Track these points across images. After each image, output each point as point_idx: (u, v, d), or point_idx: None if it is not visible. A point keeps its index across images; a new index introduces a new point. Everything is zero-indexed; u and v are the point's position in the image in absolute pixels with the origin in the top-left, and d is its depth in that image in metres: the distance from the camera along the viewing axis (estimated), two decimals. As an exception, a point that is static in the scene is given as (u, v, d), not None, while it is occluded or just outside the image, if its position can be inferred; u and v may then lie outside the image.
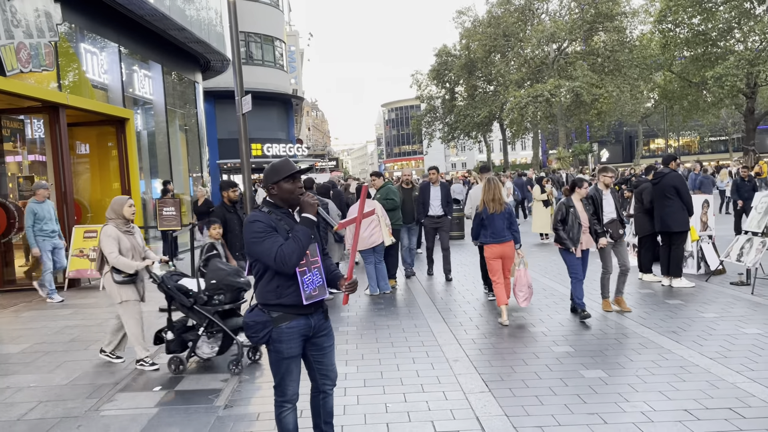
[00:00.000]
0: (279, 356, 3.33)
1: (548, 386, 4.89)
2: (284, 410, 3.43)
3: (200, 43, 16.14)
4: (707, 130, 62.48)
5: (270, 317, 3.29)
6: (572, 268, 7.12)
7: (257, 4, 33.86)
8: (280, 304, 3.28)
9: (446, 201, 10.08)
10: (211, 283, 5.64)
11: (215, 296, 5.63)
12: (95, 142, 13.34)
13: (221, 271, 5.73)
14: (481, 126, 50.96)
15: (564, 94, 40.51)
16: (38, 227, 9.07)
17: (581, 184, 7.15)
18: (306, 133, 68.00)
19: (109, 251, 5.56)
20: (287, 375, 3.37)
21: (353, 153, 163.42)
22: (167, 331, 5.74)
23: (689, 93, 39.27)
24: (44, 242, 9.13)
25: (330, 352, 3.54)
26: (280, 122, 37.18)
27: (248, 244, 3.24)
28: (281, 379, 3.38)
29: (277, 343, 3.31)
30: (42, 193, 9.19)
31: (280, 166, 3.35)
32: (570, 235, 7.00)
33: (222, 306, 5.64)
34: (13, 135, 11.91)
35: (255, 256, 3.24)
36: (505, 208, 7.21)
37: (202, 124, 18.84)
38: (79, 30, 11.68)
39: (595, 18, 42.46)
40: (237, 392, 5.04)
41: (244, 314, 3.43)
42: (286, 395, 3.41)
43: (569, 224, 7.01)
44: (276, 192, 3.32)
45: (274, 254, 3.14)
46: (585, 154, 49.96)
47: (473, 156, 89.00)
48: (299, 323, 3.32)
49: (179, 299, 5.63)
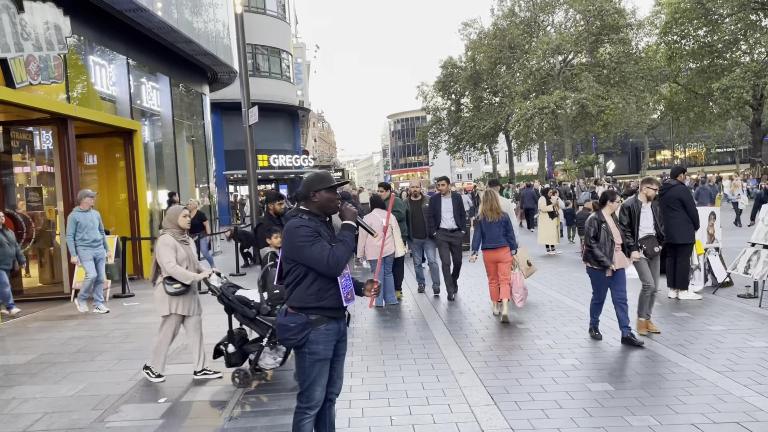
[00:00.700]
0: (314, 358, 3.39)
1: (554, 399, 4.86)
2: (306, 417, 3.46)
3: (207, 55, 16.27)
4: (714, 142, 62.39)
5: (309, 320, 3.36)
6: (597, 288, 6.64)
7: (264, 16, 34.14)
8: (320, 306, 3.36)
9: (459, 213, 9.24)
10: (274, 293, 5.60)
11: (277, 306, 5.59)
12: (103, 154, 13.43)
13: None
14: (486, 137, 51.06)
15: (570, 105, 40.57)
16: (80, 236, 8.94)
17: (613, 197, 6.68)
18: (312, 144, 68.22)
19: (167, 260, 5.44)
20: (319, 378, 3.43)
21: (359, 164, 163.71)
22: (228, 344, 5.65)
23: (695, 104, 39.26)
24: (85, 251, 8.98)
25: (343, 359, 3.65)
26: (286, 133, 37.33)
27: (294, 248, 3.32)
28: (312, 383, 3.42)
29: (314, 345, 3.37)
30: (87, 201, 9.08)
31: (325, 175, 3.50)
32: (604, 252, 6.47)
33: None
34: (21, 146, 12.01)
35: (302, 259, 3.31)
36: (502, 217, 7.91)
37: (209, 135, 18.95)
38: (88, 43, 11.80)
39: (600, 30, 42.58)
40: (242, 404, 5.03)
41: (278, 317, 3.50)
42: (313, 400, 3.44)
43: (601, 241, 6.48)
44: (317, 199, 3.42)
45: (326, 258, 3.24)
46: (591, 165, 49.93)
47: (479, 167, 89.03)
48: (334, 327, 3.43)
49: (242, 310, 5.54)
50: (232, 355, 5.61)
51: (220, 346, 5.72)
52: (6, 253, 8.99)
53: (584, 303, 8.56)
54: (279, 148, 35.45)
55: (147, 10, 12.14)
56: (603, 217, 6.59)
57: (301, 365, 3.43)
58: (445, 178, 9.70)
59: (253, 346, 5.64)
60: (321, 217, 3.45)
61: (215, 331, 7.08)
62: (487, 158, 63.73)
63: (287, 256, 3.39)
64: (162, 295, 5.59)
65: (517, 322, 7.63)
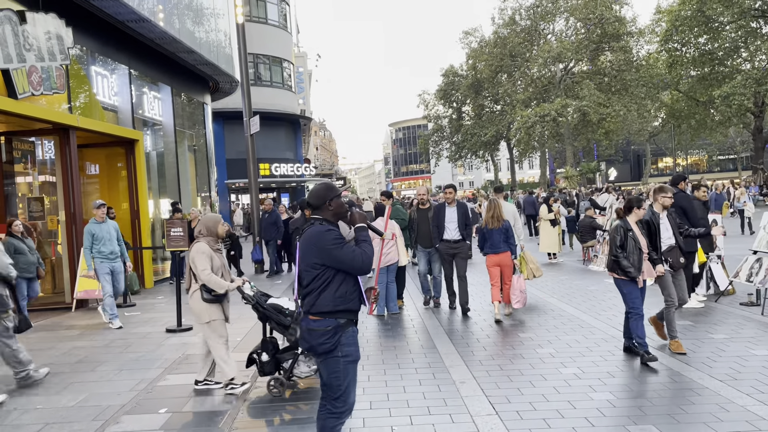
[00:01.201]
0: (348, 360, 3.47)
1: (556, 409, 4.84)
2: (341, 423, 3.53)
3: (209, 65, 16.34)
4: (715, 149, 62.40)
5: (339, 323, 3.44)
6: (632, 301, 6.10)
7: (266, 26, 34.30)
8: (347, 309, 3.46)
9: (464, 223, 8.80)
10: None
11: None
12: (105, 163, 13.47)
13: None
14: (488, 145, 51.15)
15: (571, 113, 40.63)
16: (96, 248, 8.69)
17: (639, 203, 6.20)
18: (314, 152, 68.33)
19: (203, 268, 5.41)
20: (353, 380, 3.52)
21: (361, 172, 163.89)
22: (262, 353, 5.63)
23: (697, 112, 39.31)
24: (101, 264, 8.71)
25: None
26: (288, 142, 37.41)
27: (325, 251, 3.40)
28: (347, 386, 3.50)
29: (347, 347, 3.46)
30: (100, 212, 8.82)
31: (333, 185, 3.69)
32: (631, 262, 6.03)
33: None
34: (24, 156, 12.05)
35: (334, 261, 3.40)
36: (503, 224, 8.28)
37: (210, 144, 19.00)
38: (90, 53, 11.85)
39: (601, 38, 42.70)
40: (242, 413, 5.02)
41: (303, 323, 3.54)
42: (349, 402, 3.52)
43: (629, 250, 6.02)
44: (332, 207, 3.58)
45: (360, 258, 3.39)
46: (593, 173, 49.95)
47: (481, 175, 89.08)
48: (355, 329, 3.55)
49: (277, 319, 5.52)
50: (265, 363, 5.59)
51: (253, 354, 5.68)
52: (28, 261, 8.83)
53: (585, 311, 8.55)
54: (281, 156, 35.52)
55: (149, 21, 12.21)
56: (629, 225, 6.13)
57: (333, 370, 3.47)
58: (452, 186, 9.21)
59: (286, 355, 5.65)
60: (334, 223, 3.59)
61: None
62: (488, 166, 63.76)
63: (315, 262, 3.44)
64: (199, 303, 5.54)
65: (518, 330, 7.61)
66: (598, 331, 7.36)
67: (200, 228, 5.68)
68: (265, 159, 32.69)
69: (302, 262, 3.50)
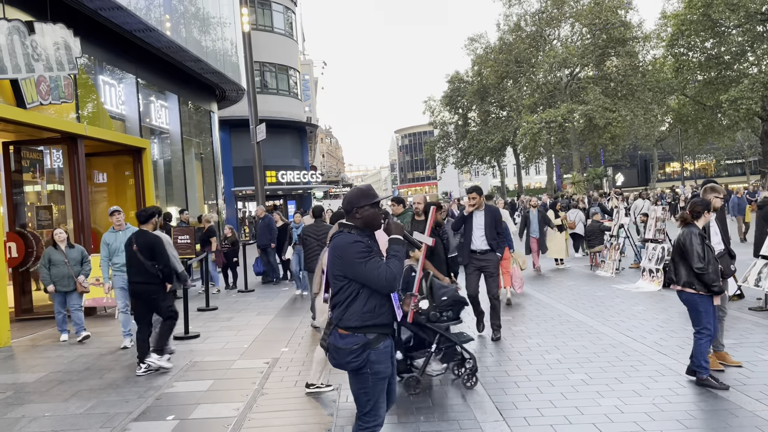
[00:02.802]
0: (377, 377, 3.32)
1: (563, 415, 4.82)
2: None
3: (216, 73, 16.43)
4: (723, 154, 62.11)
5: (367, 339, 3.28)
6: (708, 320, 5.39)
7: (272, 34, 34.47)
8: (376, 324, 3.29)
9: (495, 231, 7.38)
10: (442, 300, 5.69)
11: (443, 313, 5.68)
12: (112, 172, 13.54)
13: (448, 288, 5.85)
14: (494, 151, 51.11)
15: (577, 118, 40.54)
16: (111, 260, 8.02)
17: (708, 207, 5.55)
18: (320, 159, 68.50)
19: None
20: (381, 396, 3.38)
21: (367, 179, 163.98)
22: (396, 351, 5.72)
23: (704, 116, 39.14)
24: (116, 278, 7.99)
25: (395, 371, 3.59)
26: (294, 150, 37.51)
27: (348, 264, 3.24)
28: (376, 402, 3.36)
29: (376, 365, 3.29)
30: (116, 220, 8.09)
31: (368, 191, 3.46)
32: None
33: (450, 321, 5.75)
34: (32, 165, 12.13)
35: (358, 276, 3.24)
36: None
37: (217, 152, 19.08)
38: (98, 62, 11.95)
39: (606, 43, 42.62)
40: (249, 420, 5.02)
41: (330, 339, 3.39)
42: (379, 418, 3.40)
43: (708, 260, 5.28)
44: (359, 216, 3.37)
45: (384, 274, 3.17)
46: (599, 178, 49.82)
47: (487, 181, 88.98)
48: (388, 343, 3.38)
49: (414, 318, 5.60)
50: (399, 362, 5.64)
51: None
52: (60, 273, 8.31)
53: (593, 317, 8.52)
54: (287, 164, 35.62)
55: (156, 30, 12.30)
56: (702, 232, 5.42)
57: (363, 386, 3.34)
58: (476, 189, 7.53)
59: (418, 353, 5.74)
60: (366, 231, 3.38)
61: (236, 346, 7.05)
62: (495, 172, 63.69)
63: (339, 273, 3.30)
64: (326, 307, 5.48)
65: (526, 336, 7.58)
66: (605, 336, 7.33)
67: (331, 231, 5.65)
68: (272, 166, 32.79)
69: (329, 272, 3.38)
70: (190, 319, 8.74)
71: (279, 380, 6.19)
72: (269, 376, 6.32)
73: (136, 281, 6.80)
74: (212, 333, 8.82)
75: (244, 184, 32.20)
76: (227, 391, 5.93)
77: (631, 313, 8.65)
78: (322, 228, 8.71)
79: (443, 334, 5.65)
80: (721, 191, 6.18)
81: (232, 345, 7.98)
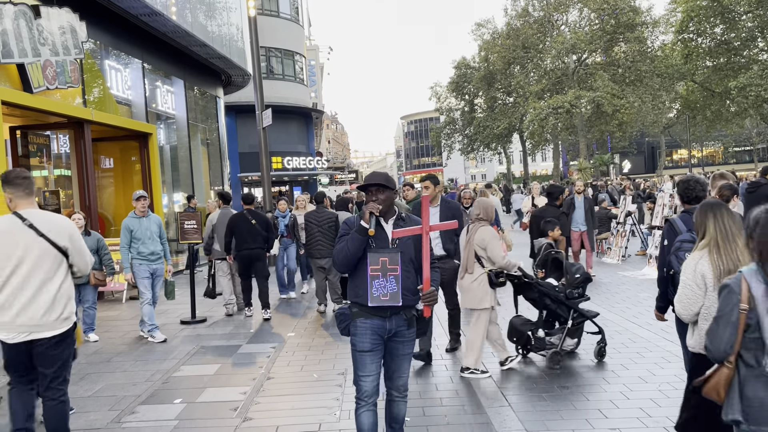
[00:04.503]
0: (353, 348, 3.57)
1: (570, 401, 4.84)
2: (358, 407, 3.58)
3: (222, 58, 16.38)
4: (731, 140, 61.63)
5: (350, 312, 3.58)
6: None
7: (278, 19, 34.27)
8: (356, 302, 3.57)
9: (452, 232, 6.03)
10: (575, 277, 5.85)
11: (575, 290, 5.85)
12: (119, 157, 13.57)
13: (579, 266, 6.07)
14: (500, 138, 50.83)
15: (584, 104, 40.25)
16: (135, 248, 7.42)
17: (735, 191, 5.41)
18: (326, 145, 68.40)
19: (501, 254, 5.48)
20: (360, 368, 3.56)
21: (373, 165, 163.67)
22: (536, 330, 5.90)
23: (712, 103, 38.83)
24: (140, 267, 7.42)
25: (401, 360, 3.66)
26: (300, 136, 37.44)
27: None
28: (355, 372, 3.59)
29: (352, 336, 3.58)
30: (139, 205, 7.48)
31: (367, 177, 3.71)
32: None
33: (581, 299, 5.92)
34: (39, 150, 12.17)
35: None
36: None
37: (223, 138, 19.07)
38: (104, 47, 11.93)
39: (615, 28, 42.21)
40: (256, 404, 5.06)
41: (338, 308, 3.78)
42: (360, 391, 3.57)
43: None
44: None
45: (335, 255, 3.58)
46: (606, 165, 49.55)
47: (493, 167, 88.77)
48: (374, 323, 3.52)
49: (554, 295, 5.77)
50: (538, 339, 5.87)
51: (527, 332, 5.86)
52: None
53: (599, 303, 8.49)
54: (293, 150, 35.57)
55: (162, 15, 12.25)
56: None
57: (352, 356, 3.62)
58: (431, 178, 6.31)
59: (555, 330, 5.97)
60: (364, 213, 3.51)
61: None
62: (501, 159, 63.41)
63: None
64: (485, 288, 5.48)
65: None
66: (611, 323, 7.31)
67: (478, 211, 5.68)
68: (278, 152, 32.75)
69: None
70: (197, 303, 8.79)
71: (285, 365, 6.23)
72: (276, 361, 6.36)
73: (253, 247, 8.51)
74: (219, 318, 8.87)
75: (250, 170, 32.19)
76: (234, 375, 5.97)
77: (637, 300, 8.64)
78: (324, 214, 8.71)
79: (577, 309, 5.84)
80: (729, 178, 5.96)
81: (238, 330, 8.03)
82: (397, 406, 3.71)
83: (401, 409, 3.72)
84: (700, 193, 4.23)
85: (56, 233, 3.84)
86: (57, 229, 3.86)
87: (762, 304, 2.47)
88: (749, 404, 2.52)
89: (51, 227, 3.85)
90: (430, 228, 3.52)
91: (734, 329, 2.52)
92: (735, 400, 2.57)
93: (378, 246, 3.50)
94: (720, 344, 2.58)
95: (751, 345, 2.52)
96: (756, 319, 2.48)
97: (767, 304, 2.47)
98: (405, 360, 3.66)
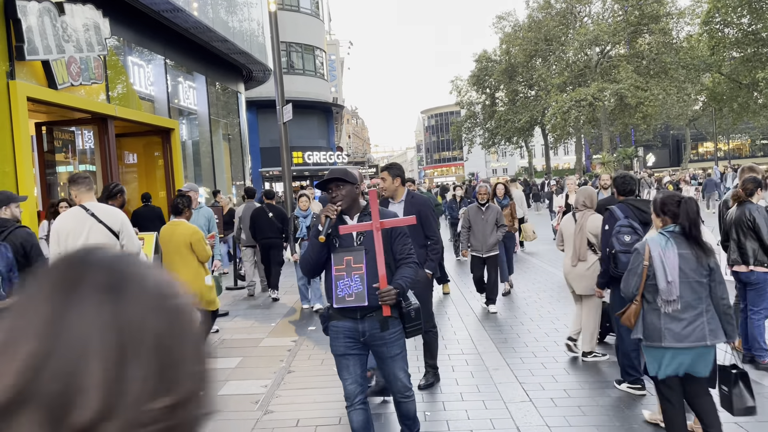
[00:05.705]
0: (331, 350, 3.54)
1: (577, 381, 4.79)
2: (348, 408, 3.54)
3: (243, 54, 16.46)
4: (759, 133, 60.45)
5: (328, 313, 3.51)
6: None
7: (298, 14, 34.35)
8: (329, 305, 3.50)
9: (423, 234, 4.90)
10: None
11: None
12: (142, 152, 13.71)
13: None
14: (522, 131, 50.45)
15: (608, 97, 39.77)
16: None
17: (760, 184, 5.34)
18: (346, 140, 68.51)
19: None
20: (339, 371, 3.52)
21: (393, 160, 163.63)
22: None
23: (739, 95, 38.11)
24: None
25: (389, 363, 3.50)
26: (320, 130, 37.54)
27: None
28: (338, 374, 3.56)
29: (330, 339, 3.52)
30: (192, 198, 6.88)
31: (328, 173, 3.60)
32: None
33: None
34: (64, 146, 12.34)
35: None
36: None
37: (244, 133, 19.18)
38: (127, 43, 12.04)
39: (639, 20, 41.60)
40: (277, 398, 5.09)
41: None
42: (345, 392, 3.52)
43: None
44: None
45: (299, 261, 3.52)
46: (630, 158, 48.92)
47: (515, 161, 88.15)
48: (345, 325, 3.41)
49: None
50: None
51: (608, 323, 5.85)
52: None
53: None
54: (313, 144, 35.68)
55: (183, 11, 12.33)
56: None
57: None
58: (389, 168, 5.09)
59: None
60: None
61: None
62: (522, 152, 62.96)
63: None
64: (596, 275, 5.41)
65: (552, 318, 7.53)
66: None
67: (583, 199, 5.66)
68: (298, 147, 32.89)
69: None
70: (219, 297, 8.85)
71: (306, 358, 6.26)
72: (297, 354, 6.40)
73: (270, 236, 9.39)
74: (241, 311, 8.94)
75: (271, 165, 32.37)
76: (255, 368, 6.02)
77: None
78: None
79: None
80: (759, 172, 5.87)
81: (259, 323, 8.09)
82: (404, 406, 3.66)
83: (409, 408, 3.67)
84: (633, 186, 5.09)
85: (111, 220, 4.77)
86: (111, 217, 4.79)
87: (657, 260, 3.45)
88: (646, 327, 3.54)
89: (106, 216, 4.78)
90: (380, 224, 3.34)
91: (639, 278, 3.55)
92: (639, 325, 3.60)
93: (342, 245, 3.39)
94: (630, 288, 3.62)
95: (651, 289, 3.51)
96: (653, 272, 3.47)
97: (660, 261, 3.43)
98: (394, 362, 3.49)
